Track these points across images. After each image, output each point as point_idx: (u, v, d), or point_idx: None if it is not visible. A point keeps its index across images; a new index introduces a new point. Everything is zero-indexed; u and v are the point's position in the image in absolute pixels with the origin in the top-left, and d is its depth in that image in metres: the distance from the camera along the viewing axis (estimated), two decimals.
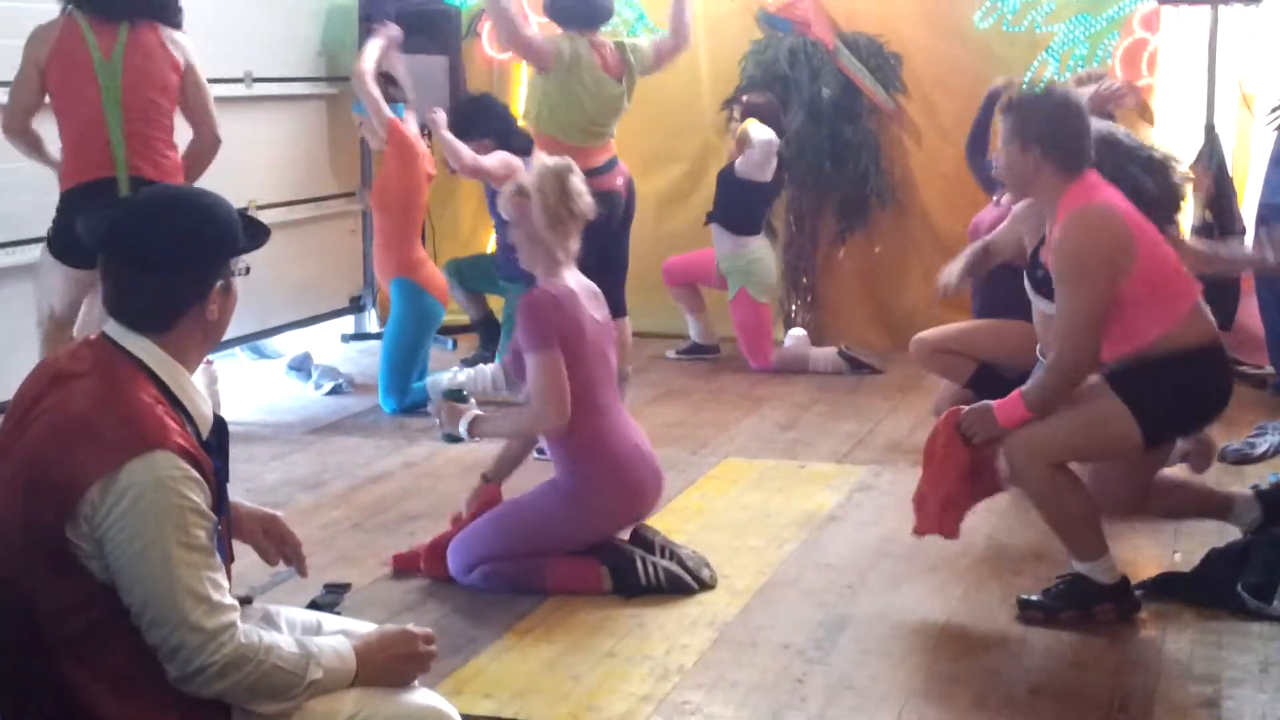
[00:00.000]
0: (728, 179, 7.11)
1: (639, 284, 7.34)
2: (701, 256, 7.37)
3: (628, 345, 6.05)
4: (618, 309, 5.89)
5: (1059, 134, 3.94)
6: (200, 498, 2.35)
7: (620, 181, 5.96)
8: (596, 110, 5.84)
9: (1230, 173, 6.64)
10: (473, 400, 4.41)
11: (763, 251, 7.26)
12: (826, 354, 7.21)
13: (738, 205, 7.10)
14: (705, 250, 7.33)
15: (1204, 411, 4.16)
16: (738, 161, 7.01)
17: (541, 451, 4.72)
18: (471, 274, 7.05)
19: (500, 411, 4.62)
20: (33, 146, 5.19)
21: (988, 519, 4.68)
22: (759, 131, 6.94)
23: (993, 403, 4.03)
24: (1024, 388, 3.98)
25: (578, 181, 4.32)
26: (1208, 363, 4.02)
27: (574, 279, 4.37)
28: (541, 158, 4.56)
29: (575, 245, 4.37)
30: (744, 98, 7.26)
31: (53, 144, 5.19)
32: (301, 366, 7.01)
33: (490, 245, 7.28)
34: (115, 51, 5.04)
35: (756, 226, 7.20)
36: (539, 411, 4.20)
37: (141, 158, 5.08)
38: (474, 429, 4.33)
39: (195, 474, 2.35)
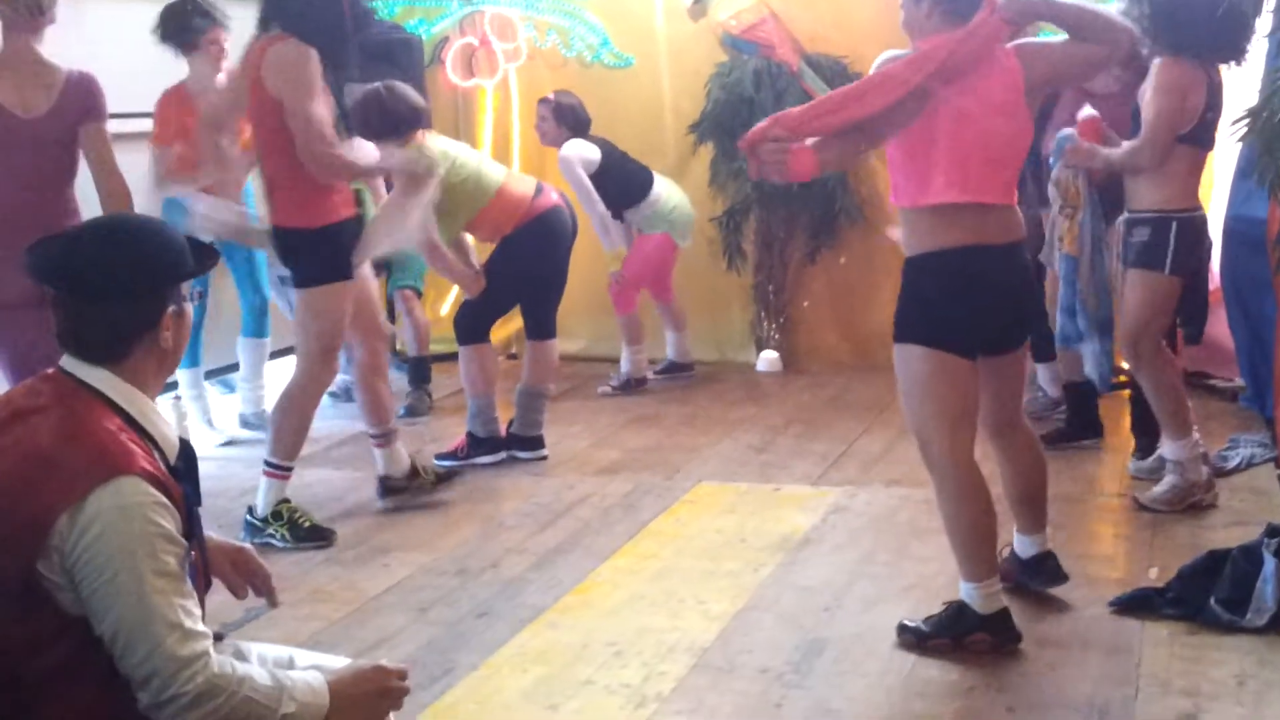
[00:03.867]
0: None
1: (604, 307, 7.36)
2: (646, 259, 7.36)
3: (553, 366, 6.16)
4: (549, 330, 6.06)
5: None
6: (170, 523, 2.32)
7: (557, 196, 6.02)
8: (484, 162, 5.98)
9: None
10: None
11: (670, 193, 7.22)
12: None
13: (614, 187, 7.06)
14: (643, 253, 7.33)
15: (947, 319, 3.88)
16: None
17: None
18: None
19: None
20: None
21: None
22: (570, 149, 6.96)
23: None
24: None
25: None
26: (946, 266, 3.86)
27: None
28: None
29: None
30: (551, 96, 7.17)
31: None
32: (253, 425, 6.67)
33: None
34: None
35: (645, 182, 7.13)
36: None
37: None
38: None
39: (163, 499, 2.33)
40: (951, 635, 3.95)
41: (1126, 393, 6.84)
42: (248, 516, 5.08)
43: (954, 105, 3.81)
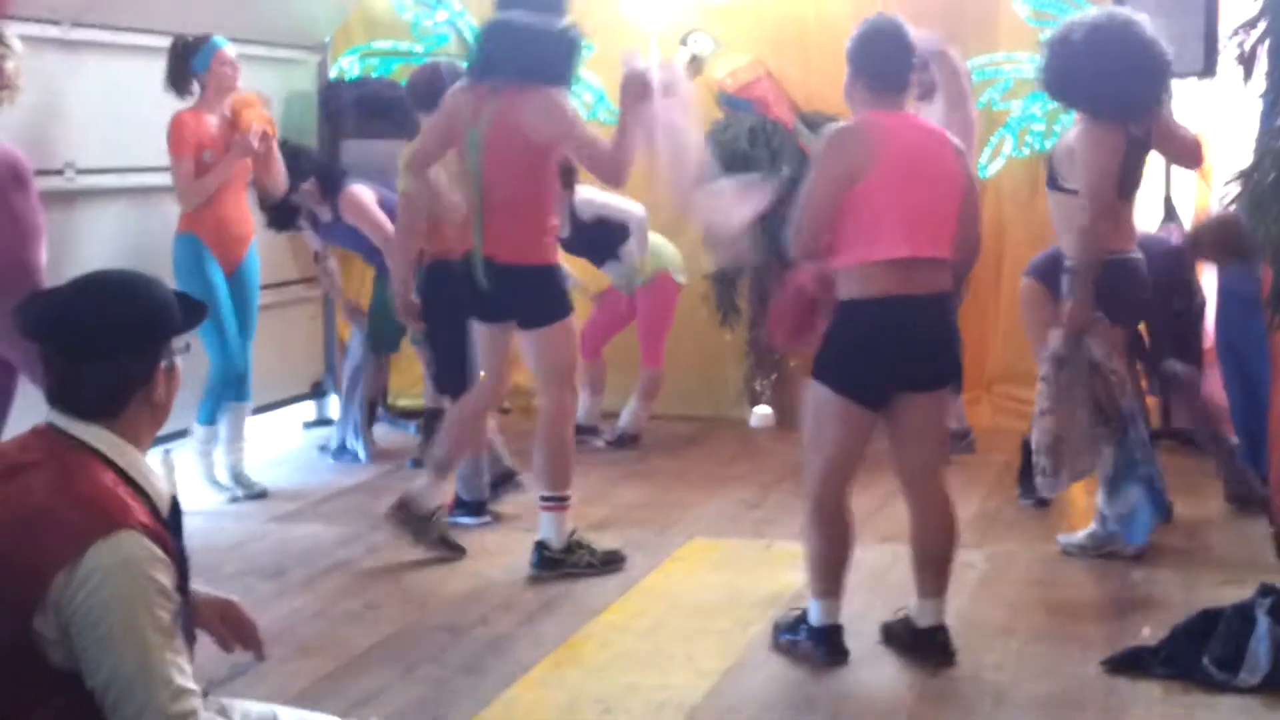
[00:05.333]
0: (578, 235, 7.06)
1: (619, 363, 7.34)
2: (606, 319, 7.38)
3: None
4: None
5: (867, 57, 4.20)
6: (166, 578, 2.32)
7: None
8: None
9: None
10: None
11: (652, 236, 7.23)
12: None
13: (597, 238, 7.10)
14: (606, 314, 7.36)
15: (855, 365, 4.15)
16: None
17: None
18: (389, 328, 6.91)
19: None
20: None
21: (956, 595, 4.64)
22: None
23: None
24: None
25: None
26: (863, 316, 4.11)
27: None
28: None
29: None
30: None
31: None
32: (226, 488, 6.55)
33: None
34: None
35: (623, 233, 7.14)
36: None
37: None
38: None
39: (161, 554, 2.33)
40: (789, 637, 4.34)
41: None
42: (542, 553, 5.14)
43: (888, 170, 4.07)
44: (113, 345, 2.44)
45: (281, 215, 7.09)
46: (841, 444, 4.21)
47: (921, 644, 4.29)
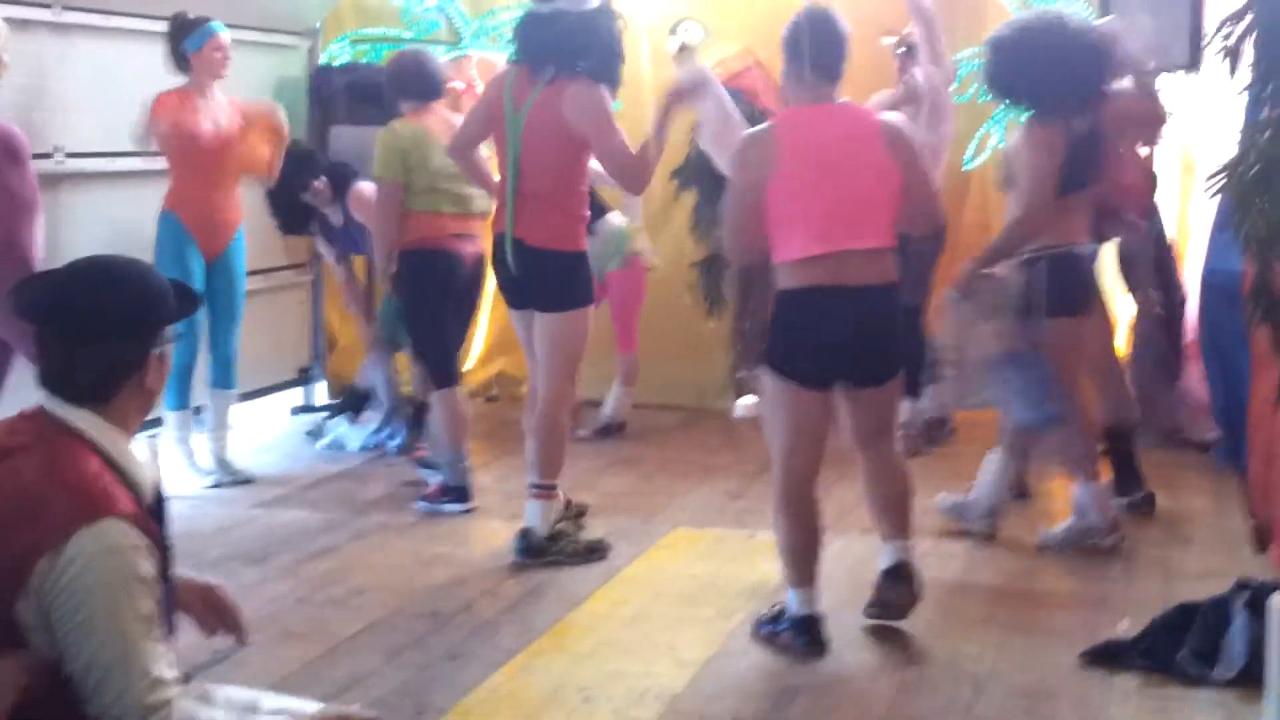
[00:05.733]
0: None
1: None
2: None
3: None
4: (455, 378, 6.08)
5: (798, 46, 4.25)
6: (149, 567, 2.34)
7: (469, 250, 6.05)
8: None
9: (1171, 242, 6.73)
10: None
11: (617, 219, 7.25)
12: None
13: None
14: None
15: (795, 351, 4.24)
16: None
17: None
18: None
19: None
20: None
21: (936, 587, 4.68)
22: None
23: None
24: None
25: None
26: (795, 305, 4.22)
27: None
28: None
29: None
30: None
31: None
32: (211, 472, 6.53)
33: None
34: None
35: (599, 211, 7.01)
36: None
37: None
38: None
39: (144, 542, 2.34)
40: (770, 629, 4.37)
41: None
42: (527, 540, 5.16)
43: (793, 171, 4.17)
44: (107, 331, 2.46)
45: (293, 219, 7.12)
46: (795, 427, 4.27)
47: (888, 580, 4.42)
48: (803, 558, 4.34)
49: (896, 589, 4.42)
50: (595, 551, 5.26)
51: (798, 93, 4.32)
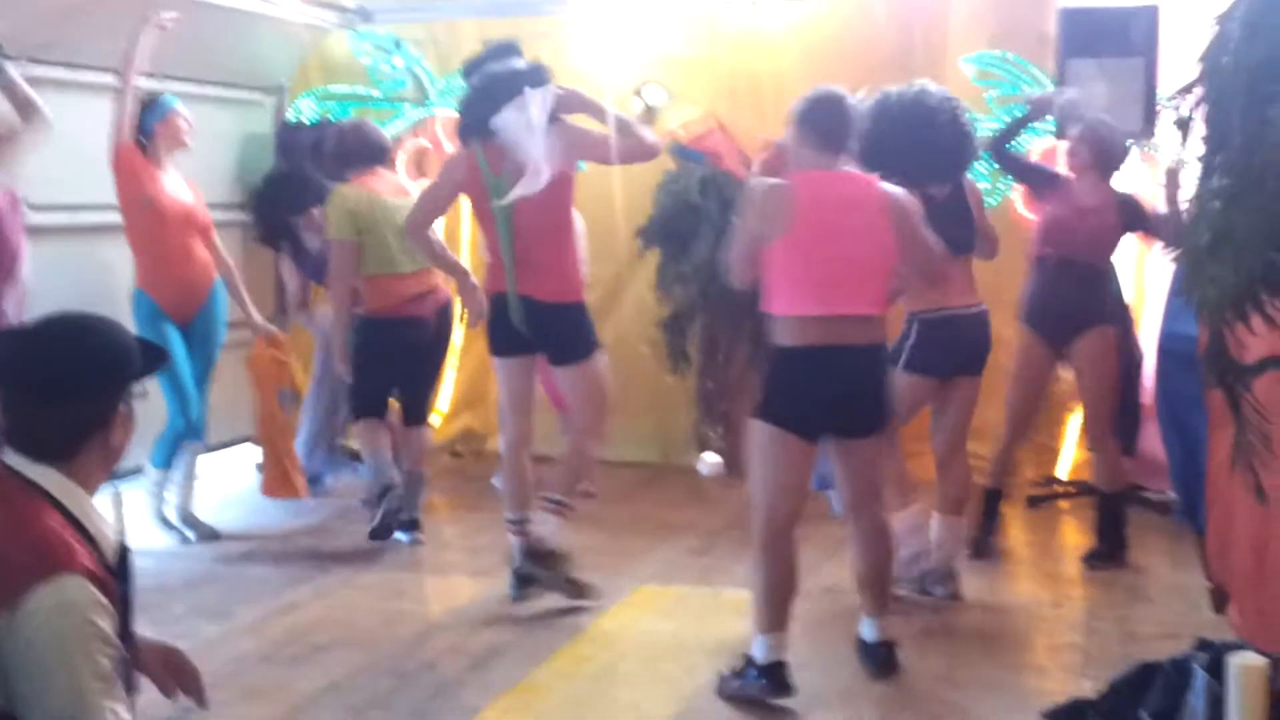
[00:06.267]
0: None
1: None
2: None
3: (425, 449, 6.53)
4: (421, 417, 6.42)
5: (813, 117, 4.48)
6: (107, 624, 2.33)
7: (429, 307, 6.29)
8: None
9: (1128, 303, 6.82)
10: None
11: None
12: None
13: None
14: None
15: (788, 403, 4.41)
16: None
17: None
18: None
19: None
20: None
21: (906, 642, 4.71)
22: None
23: None
24: None
25: None
26: (792, 362, 4.39)
27: None
28: None
29: None
30: None
31: None
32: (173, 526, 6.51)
33: None
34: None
35: None
36: None
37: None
38: None
39: (103, 600, 2.33)
40: (737, 682, 4.44)
41: (1064, 503, 6.97)
42: (533, 546, 5.33)
43: (803, 232, 4.34)
44: (72, 389, 2.45)
45: (271, 232, 7.26)
46: (783, 476, 4.43)
47: (867, 656, 4.63)
48: (778, 602, 4.44)
49: (877, 665, 4.59)
50: (581, 595, 5.34)
51: (812, 158, 4.48)
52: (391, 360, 6.25)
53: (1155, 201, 6.05)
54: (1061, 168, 6.23)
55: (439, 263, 5.68)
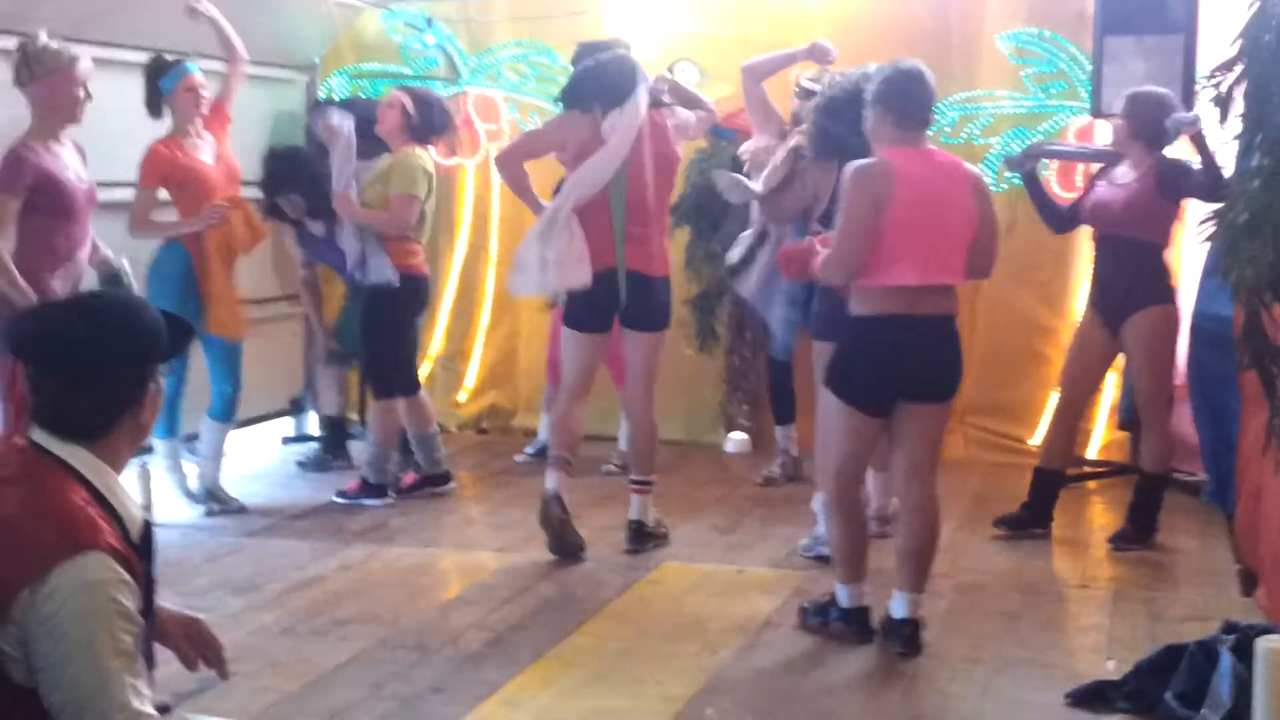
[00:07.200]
0: None
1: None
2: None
3: (430, 413, 6.70)
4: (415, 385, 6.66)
5: (895, 96, 4.54)
6: (130, 601, 2.33)
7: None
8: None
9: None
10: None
11: None
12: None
13: None
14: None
15: (861, 378, 4.56)
16: None
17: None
18: (349, 343, 7.21)
19: None
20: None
21: (930, 622, 4.68)
22: None
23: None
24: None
25: None
26: (875, 330, 4.52)
27: None
28: None
29: None
30: None
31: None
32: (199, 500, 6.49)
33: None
34: None
35: None
36: None
37: None
38: None
39: (126, 576, 2.33)
40: (819, 619, 4.72)
41: (1092, 484, 6.92)
42: (640, 529, 5.78)
43: (904, 205, 4.43)
44: (102, 369, 2.45)
45: (275, 208, 7.31)
46: (850, 446, 4.62)
47: (892, 633, 4.60)
48: (854, 556, 4.66)
49: (901, 642, 4.57)
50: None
51: (896, 137, 4.54)
52: (416, 319, 6.72)
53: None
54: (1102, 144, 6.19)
55: (525, 195, 5.90)
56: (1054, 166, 7.18)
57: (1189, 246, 6.91)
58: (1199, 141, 5.53)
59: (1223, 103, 5.09)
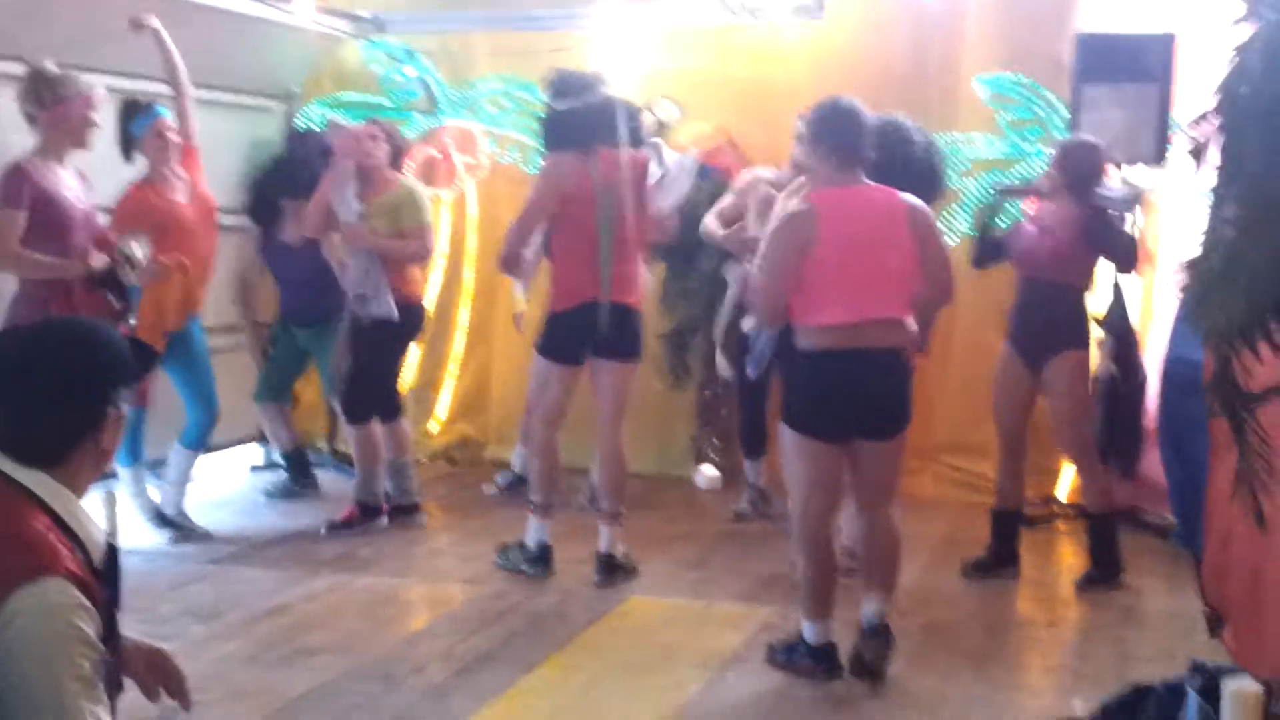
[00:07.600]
0: None
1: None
2: None
3: (407, 440, 6.74)
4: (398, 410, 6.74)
5: (827, 133, 4.61)
6: (89, 627, 2.30)
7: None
8: None
9: (1134, 325, 6.79)
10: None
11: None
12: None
13: None
14: None
15: (812, 408, 4.61)
16: None
17: None
18: (281, 376, 7.41)
19: None
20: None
21: (891, 663, 4.67)
22: None
23: None
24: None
25: None
26: (818, 366, 4.56)
27: None
28: None
29: None
30: None
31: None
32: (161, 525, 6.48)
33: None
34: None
35: None
36: None
37: None
38: None
39: (86, 602, 2.31)
40: (786, 656, 4.73)
41: (1060, 524, 6.93)
42: (610, 562, 5.80)
43: (831, 246, 4.51)
44: (64, 395, 2.43)
45: (264, 208, 7.43)
46: (812, 478, 4.63)
47: (866, 638, 4.67)
48: (822, 592, 4.68)
49: (873, 648, 4.64)
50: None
51: (829, 174, 4.61)
52: (404, 354, 6.88)
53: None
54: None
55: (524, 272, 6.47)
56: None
57: (1161, 291, 6.98)
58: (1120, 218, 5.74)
59: (1198, 153, 5.16)
